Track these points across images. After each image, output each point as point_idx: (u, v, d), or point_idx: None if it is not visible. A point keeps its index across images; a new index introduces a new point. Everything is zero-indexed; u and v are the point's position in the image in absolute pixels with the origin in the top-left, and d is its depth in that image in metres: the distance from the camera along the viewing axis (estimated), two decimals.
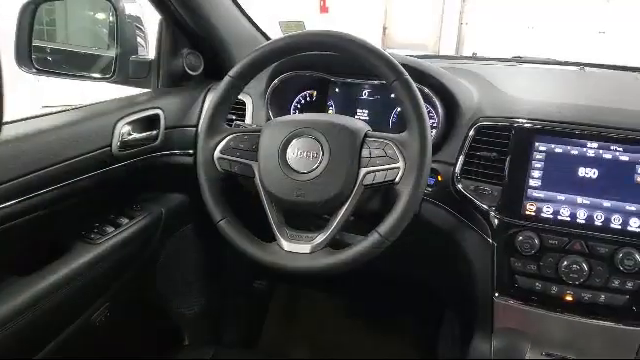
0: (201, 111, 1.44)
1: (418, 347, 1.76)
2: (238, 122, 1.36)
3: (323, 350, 1.85)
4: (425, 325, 1.73)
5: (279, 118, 1.15)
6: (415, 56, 1.41)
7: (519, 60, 1.64)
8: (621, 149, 1.09)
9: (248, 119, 1.39)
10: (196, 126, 1.43)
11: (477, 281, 1.20)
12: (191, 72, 1.50)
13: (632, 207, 1.07)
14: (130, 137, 1.28)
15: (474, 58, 1.84)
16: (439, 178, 1.22)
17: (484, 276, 1.18)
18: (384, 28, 9.30)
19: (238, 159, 1.10)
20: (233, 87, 1.12)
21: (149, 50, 1.60)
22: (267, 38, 1.60)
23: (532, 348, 1.08)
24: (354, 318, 1.94)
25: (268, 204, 1.08)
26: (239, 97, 1.40)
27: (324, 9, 8.31)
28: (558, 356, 1.16)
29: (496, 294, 1.17)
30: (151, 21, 1.55)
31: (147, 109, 1.33)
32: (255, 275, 1.93)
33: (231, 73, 1.11)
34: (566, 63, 1.59)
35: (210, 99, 1.14)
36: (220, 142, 1.11)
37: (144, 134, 1.33)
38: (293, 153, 1.05)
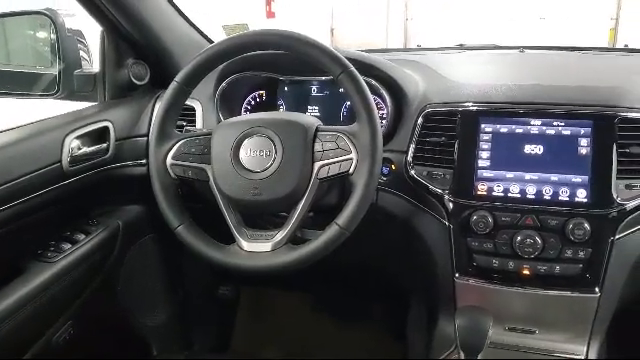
0: (151, 120, 1.42)
1: (387, 335, 1.78)
2: (189, 128, 1.35)
3: (295, 347, 1.86)
4: (393, 312, 1.75)
5: (229, 119, 1.15)
6: (363, 51, 1.43)
7: (462, 48, 1.68)
8: (563, 124, 1.14)
9: (199, 124, 1.39)
10: (147, 135, 1.41)
11: (437, 263, 1.22)
12: (137, 82, 1.48)
13: (578, 179, 1.11)
14: (80, 151, 1.26)
15: (419, 49, 1.88)
16: (393, 167, 1.25)
17: (443, 258, 1.20)
18: (332, 30, 9.38)
19: (191, 164, 1.10)
20: (180, 92, 1.12)
21: (93, 63, 1.58)
22: (211, 42, 1.59)
23: (495, 323, 1.11)
24: (323, 313, 1.95)
25: (225, 206, 1.08)
26: (188, 103, 1.39)
27: (270, 14, 8.32)
28: (520, 329, 1.20)
29: (456, 274, 1.20)
30: (93, 33, 1.53)
31: (96, 122, 1.31)
32: (220, 281, 1.92)
33: (177, 79, 1.11)
34: (506, 47, 1.64)
35: (158, 106, 1.13)
36: (171, 148, 1.11)
37: (94, 147, 1.31)
38: (246, 153, 1.06)
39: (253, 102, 1.43)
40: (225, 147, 1.07)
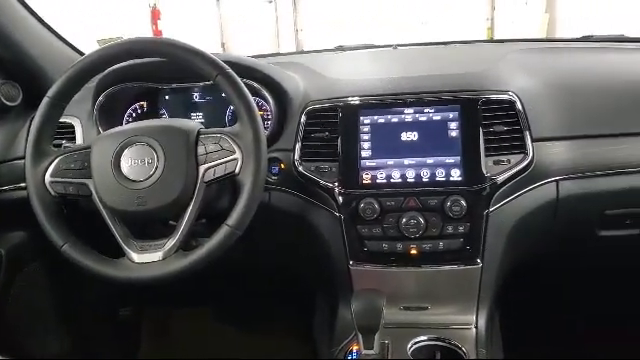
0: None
1: (297, 334, 1.79)
2: (67, 144, 1.31)
3: None
4: (300, 310, 1.77)
5: (107, 131, 1.13)
6: (250, 57, 1.46)
7: (340, 49, 1.74)
8: (433, 110, 1.22)
9: (79, 141, 1.35)
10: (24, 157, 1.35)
11: (333, 254, 1.26)
12: (9, 103, 1.41)
13: (451, 160, 1.20)
14: None
15: (299, 52, 1.94)
16: (282, 165, 1.27)
17: (338, 248, 1.24)
18: (222, 44, 9.34)
19: (71, 180, 1.07)
20: (54, 108, 1.09)
21: None
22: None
23: (390, 304, 1.16)
24: (232, 324, 1.94)
25: (110, 219, 1.06)
26: (67, 120, 1.35)
27: (157, 32, 8.16)
28: (415, 307, 1.26)
29: (351, 262, 1.24)
30: None
31: None
32: (119, 303, 1.85)
33: (49, 94, 1.08)
34: (381, 46, 1.72)
35: (32, 125, 1.09)
36: (49, 166, 1.07)
37: None
38: (127, 163, 1.04)
39: (134, 114, 1.41)
40: (105, 159, 1.05)
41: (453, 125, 1.21)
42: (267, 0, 9.48)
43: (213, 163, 1.04)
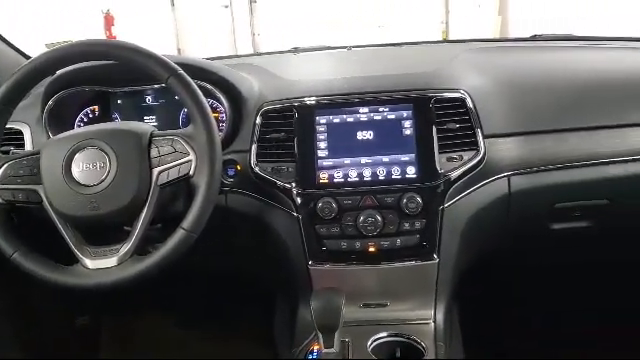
0: None
1: (260, 337, 1.78)
2: (16, 151, 1.27)
3: None
4: (263, 313, 1.76)
5: (57, 136, 1.10)
6: (206, 59, 1.44)
7: (295, 51, 1.75)
8: (388, 109, 1.23)
9: (28, 148, 1.31)
10: None
11: (292, 255, 1.26)
12: None
13: (406, 157, 1.21)
14: None
15: (254, 54, 1.94)
16: (238, 167, 1.26)
17: (296, 248, 1.24)
18: (179, 50, 9.23)
19: (20, 186, 1.04)
20: (0, 114, 1.05)
21: None
22: None
23: (350, 302, 1.16)
24: (191, 327, 1.91)
25: (62, 225, 1.04)
26: (15, 127, 1.32)
27: (111, 38, 8.00)
28: (374, 304, 1.27)
29: (310, 262, 1.24)
30: None
31: None
32: (76, 311, 1.80)
33: None
34: (336, 47, 1.73)
35: None
36: None
37: None
38: (78, 167, 1.02)
39: (86, 119, 1.37)
40: (55, 164, 1.03)
41: (407, 123, 1.22)
42: (223, 5, 9.42)
43: (167, 166, 1.03)
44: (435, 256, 1.23)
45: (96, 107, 1.38)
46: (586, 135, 1.28)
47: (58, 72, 1.23)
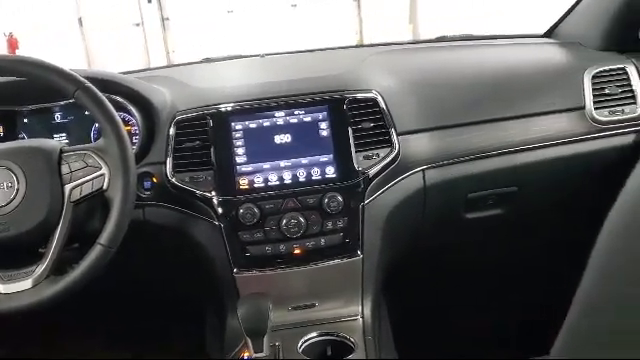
0: None
1: (188, 346, 1.74)
2: None
3: None
4: (190, 322, 1.73)
5: None
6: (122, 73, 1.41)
7: (208, 60, 1.74)
8: (303, 112, 1.25)
9: None
10: None
11: (217, 264, 1.24)
12: None
13: (325, 158, 1.23)
14: None
15: (165, 66, 1.90)
16: (154, 179, 1.24)
17: (221, 257, 1.23)
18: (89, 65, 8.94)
19: None
20: None
21: None
22: None
23: (279, 306, 1.16)
24: (121, 346, 1.83)
25: None
26: None
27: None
28: (302, 306, 1.27)
29: (235, 270, 1.23)
30: None
31: None
32: None
33: None
34: (249, 55, 1.73)
35: None
36: None
37: None
38: None
39: None
40: None
41: (323, 125, 1.25)
42: (134, 23, 9.21)
43: (79, 181, 1.00)
44: (359, 252, 1.25)
45: (0, 127, 1.31)
46: (493, 127, 1.36)
47: None
